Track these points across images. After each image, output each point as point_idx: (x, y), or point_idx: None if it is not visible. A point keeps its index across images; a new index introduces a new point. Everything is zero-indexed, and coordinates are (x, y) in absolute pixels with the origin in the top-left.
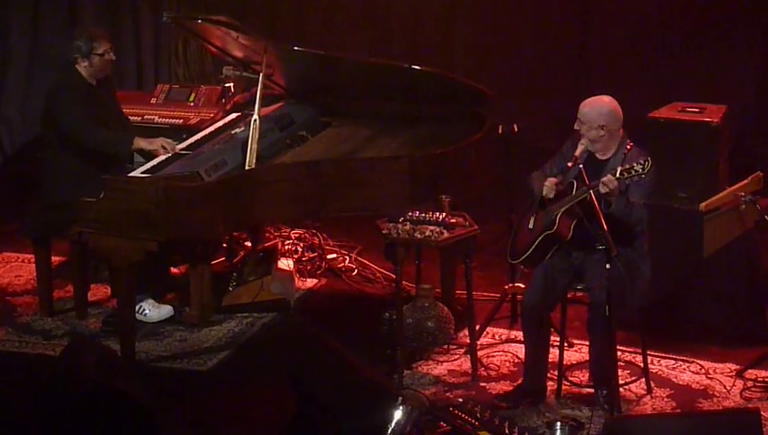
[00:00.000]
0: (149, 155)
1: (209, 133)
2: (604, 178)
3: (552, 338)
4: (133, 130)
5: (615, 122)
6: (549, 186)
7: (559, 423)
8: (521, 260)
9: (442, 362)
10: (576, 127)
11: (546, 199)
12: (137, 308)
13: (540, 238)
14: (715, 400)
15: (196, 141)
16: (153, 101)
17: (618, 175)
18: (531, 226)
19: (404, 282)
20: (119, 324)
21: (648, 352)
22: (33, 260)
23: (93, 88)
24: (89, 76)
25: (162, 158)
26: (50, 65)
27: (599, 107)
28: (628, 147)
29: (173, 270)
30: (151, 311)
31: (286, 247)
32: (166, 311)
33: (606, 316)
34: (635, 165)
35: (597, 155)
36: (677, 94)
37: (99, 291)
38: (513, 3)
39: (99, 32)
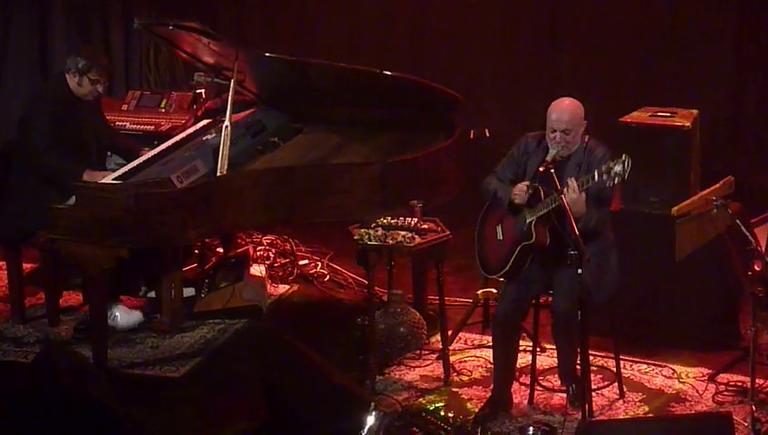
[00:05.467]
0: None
1: (181, 140)
2: (569, 183)
3: (524, 343)
4: (123, 140)
5: (581, 119)
6: (521, 193)
7: (531, 428)
8: (501, 274)
9: (414, 367)
10: (551, 134)
11: (513, 207)
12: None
13: (518, 250)
14: (687, 404)
15: (167, 148)
16: (124, 107)
17: (596, 178)
18: (500, 236)
19: (376, 287)
20: (90, 331)
21: (621, 357)
22: (4, 267)
23: (74, 101)
24: (74, 90)
25: (134, 164)
26: (19, 73)
27: (564, 107)
28: (586, 140)
29: None
30: (121, 318)
31: (258, 253)
32: (135, 317)
33: (569, 323)
34: (612, 166)
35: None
36: (649, 99)
37: (71, 298)
38: (483, 8)
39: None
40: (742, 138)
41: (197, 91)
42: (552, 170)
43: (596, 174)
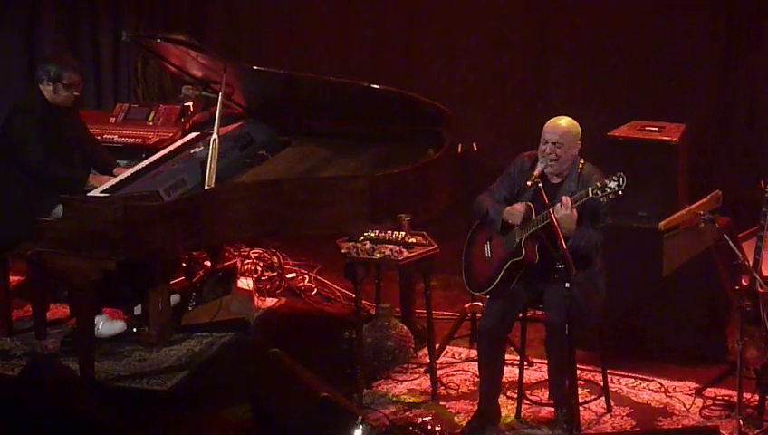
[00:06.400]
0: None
1: (168, 153)
2: (563, 200)
3: (511, 357)
4: (102, 153)
5: (574, 138)
6: (516, 213)
7: None
8: (488, 291)
9: (402, 381)
10: (542, 146)
11: (504, 226)
12: None
13: (507, 266)
14: (674, 418)
15: (155, 161)
16: (112, 120)
17: (590, 193)
18: (488, 254)
19: (363, 301)
20: (77, 344)
21: (608, 371)
22: None
23: (54, 111)
24: (51, 100)
25: (122, 177)
26: (9, 87)
27: (559, 123)
28: (581, 165)
29: None
30: (103, 326)
31: (246, 267)
32: (118, 326)
33: (563, 337)
34: (607, 182)
35: (551, 179)
36: (636, 113)
37: (58, 311)
38: (471, 21)
39: (74, 64)
40: (730, 151)
41: (185, 104)
42: (540, 184)
43: (589, 190)
